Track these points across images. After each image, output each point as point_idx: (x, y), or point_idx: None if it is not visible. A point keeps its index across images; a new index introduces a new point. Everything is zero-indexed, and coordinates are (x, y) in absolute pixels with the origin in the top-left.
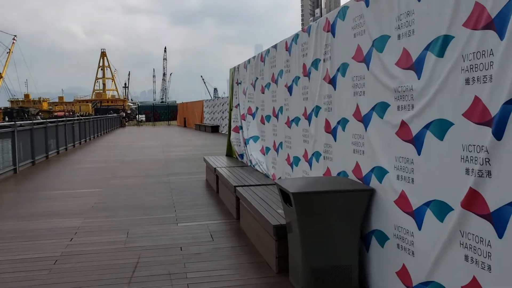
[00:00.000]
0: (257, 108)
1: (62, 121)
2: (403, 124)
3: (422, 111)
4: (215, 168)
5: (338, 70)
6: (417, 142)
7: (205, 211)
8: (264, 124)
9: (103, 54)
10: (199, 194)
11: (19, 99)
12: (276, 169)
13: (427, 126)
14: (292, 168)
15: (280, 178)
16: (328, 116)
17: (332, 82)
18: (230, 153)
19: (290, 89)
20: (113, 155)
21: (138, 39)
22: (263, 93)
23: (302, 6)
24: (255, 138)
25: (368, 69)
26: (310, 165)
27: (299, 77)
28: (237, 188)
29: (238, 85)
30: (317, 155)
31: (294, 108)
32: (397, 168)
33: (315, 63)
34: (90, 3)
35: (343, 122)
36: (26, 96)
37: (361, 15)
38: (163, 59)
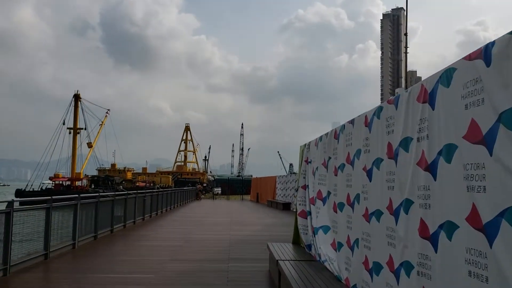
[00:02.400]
0: (329, 193)
1: (131, 193)
2: None
3: None
4: (277, 261)
5: (439, 153)
6: None
7: None
8: (336, 212)
9: (187, 128)
10: None
11: (106, 168)
12: (350, 272)
13: None
14: (371, 276)
15: (355, 287)
16: (425, 216)
17: (431, 169)
18: (297, 240)
19: (369, 174)
20: (179, 231)
21: (219, 115)
22: (336, 175)
23: (381, 85)
24: (325, 229)
25: (491, 155)
26: (397, 278)
27: (381, 160)
28: None
29: (308, 164)
30: (407, 266)
31: (374, 198)
32: None
33: (405, 143)
34: (177, 82)
35: (450, 227)
36: (113, 165)
37: (478, 79)
38: (240, 134)
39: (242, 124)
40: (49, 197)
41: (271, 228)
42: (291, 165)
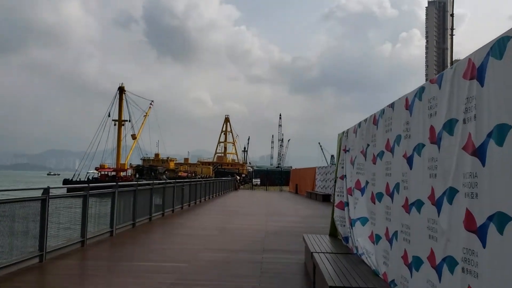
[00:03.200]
0: (367, 183)
1: (170, 182)
2: None
3: None
4: (312, 253)
5: (489, 135)
6: None
7: None
8: (374, 203)
9: (227, 120)
10: (292, 284)
11: (150, 158)
12: (388, 266)
13: None
14: (411, 272)
15: (393, 282)
16: (472, 206)
17: (479, 153)
18: (334, 232)
19: (410, 161)
20: (215, 221)
21: (259, 106)
22: (375, 163)
23: (426, 74)
24: (363, 220)
25: None
26: (439, 274)
27: (423, 145)
28: None
29: (346, 152)
30: (451, 262)
31: (415, 187)
32: None
33: (449, 126)
34: (218, 73)
35: (501, 219)
36: (156, 155)
37: None
38: (278, 125)
39: (280, 115)
40: (86, 185)
41: (309, 219)
42: (332, 156)
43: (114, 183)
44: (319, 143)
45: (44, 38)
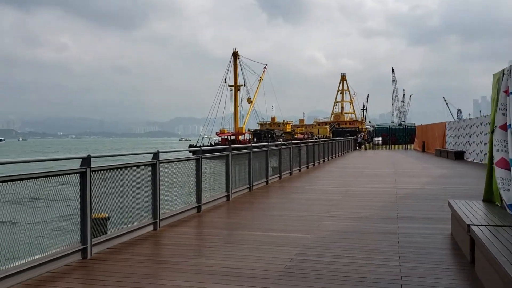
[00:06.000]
0: None
1: (284, 144)
2: None
3: None
4: (469, 226)
5: None
6: None
7: None
8: None
9: (343, 78)
10: (441, 262)
11: (266, 122)
12: None
13: None
14: None
15: None
16: None
17: None
18: (490, 197)
19: None
20: (337, 183)
21: (375, 61)
22: None
23: None
24: None
25: None
26: None
27: None
28: None
29: (509, 96)
30: None
31: None
32: None
33: None
34: (329, 30)
35: None
36: (272, 119)
37: None
38: (392, 80)
39: (393, 70)
40: (199, 148)
41: (443, 180)
42: (459, 111)
43: (227, 146)
44: (443, 97)
45: (162, 12)
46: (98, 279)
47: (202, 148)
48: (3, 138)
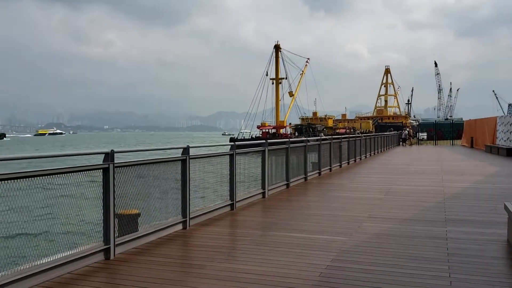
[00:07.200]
0: None
1: (325, 139)
2: None
3: None
4: None
5: None
6: None
7: None
8: None
9: (387, 71)
10: (497, 274)
11: (308, 117)
12: None
13: None
14: None
15: None
16: None
17: None
18: None
19: None
20: (379, 181)
21: (420, 54)
22: None
23: None
24: None
25: None
26: None
27: None
28: None
29: None
30: None
31: None
32: None
33: None
34: (373, 22)
35: None
36: (314, 113)
37: None
38: (435, 74)
39: (436, 63)
40: (233, 143)
41: (496, 179)
42: (510, 105)
43: (264, 141)
44: (493, 91)
45: (204, 8)
46: (117, 283)
47: (237, 143)
48: (63, 132)
